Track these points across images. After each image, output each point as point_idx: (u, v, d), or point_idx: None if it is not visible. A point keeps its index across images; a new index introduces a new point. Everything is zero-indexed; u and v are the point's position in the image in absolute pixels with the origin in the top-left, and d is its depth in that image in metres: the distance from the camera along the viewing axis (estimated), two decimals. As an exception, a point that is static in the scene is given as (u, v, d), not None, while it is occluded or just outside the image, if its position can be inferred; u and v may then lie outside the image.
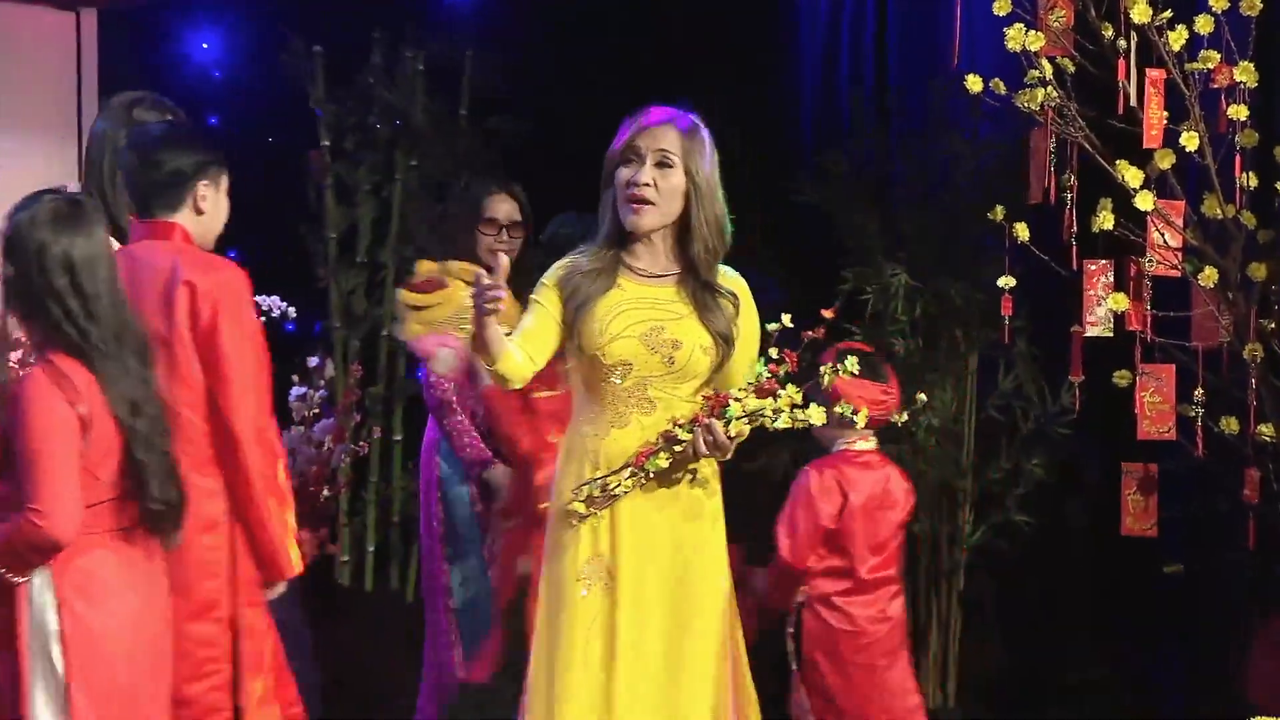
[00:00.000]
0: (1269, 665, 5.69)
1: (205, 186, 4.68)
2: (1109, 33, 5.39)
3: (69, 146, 6.82)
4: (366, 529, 7.40)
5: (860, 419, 4.44)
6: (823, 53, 7.70)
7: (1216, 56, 5.31)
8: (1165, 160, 5.37)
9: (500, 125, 7.32)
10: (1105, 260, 5.53)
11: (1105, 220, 5.37)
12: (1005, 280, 5.58)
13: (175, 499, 4.17)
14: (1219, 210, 5.43)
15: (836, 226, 6.89)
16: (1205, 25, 5.31)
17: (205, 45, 7.51)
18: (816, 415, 4.33)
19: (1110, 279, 5.52)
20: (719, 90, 7.29)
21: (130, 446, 4.08)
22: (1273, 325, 5.47)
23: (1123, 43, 5.36)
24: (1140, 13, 5.27)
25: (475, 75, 7.45)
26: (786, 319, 4.34)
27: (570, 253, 4.53)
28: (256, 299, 4.99)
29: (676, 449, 4.32)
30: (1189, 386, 5.47)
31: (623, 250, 4.45)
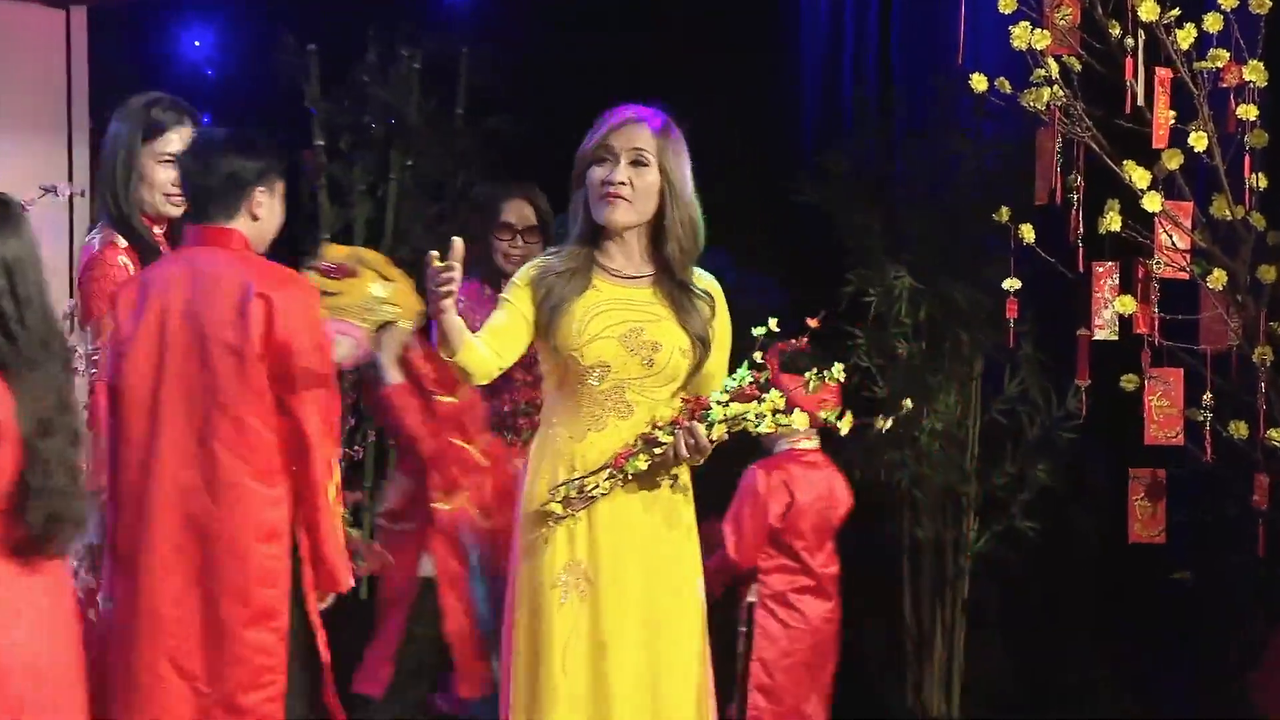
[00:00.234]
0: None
1: (262, 193, 4.69)
2: (1116, 31, 5.35)
3: (59, 144, 6.80)
4: (361, 532, 7.33)
5: (844, 425, 4.39)
6: (824, 50, 7.73)
7: (1225, 55, 5.29)
8: (1173, 161, 5.34)
9: (498, 125, 7.31)
10: (1112, 262, 5.49)
11: (1112, 221, 5.33)
12: (1010, 282, 5.54)
13: (70, 516, 3.97)
14: (1228, 211, 5.41)
15: (837, 227, 6.90)
16: (1214, 23, 5.29)
17: (197, 43, 7.50)
18: (800, 420, 4.30)
19: (1117, 281, 5.48)
20: (719, 89, 7.27)
21: (29, 467, 3.87)
22: (1283, 328, 5.46)
23: (1130, 41, 5.33)
24: (1148, 10, 5.24)
25: (472, 74, 7.44)
26: (773, 323, 4.31)
27: (541, 253, 4.48)
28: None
29: (656, 451, 4.29)
30: (1197, 391, 5.44)
31: (596, 250, 4.41)
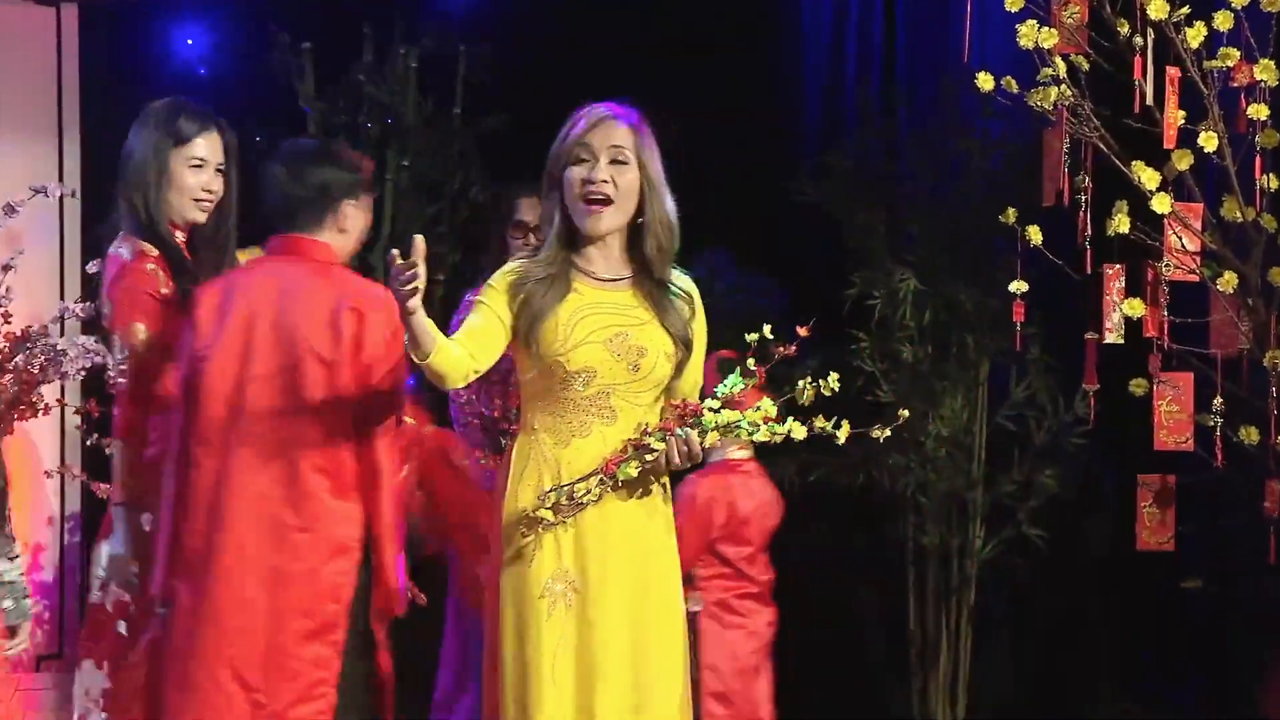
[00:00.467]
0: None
1: (351, 206, 4.77)
2: (1125, 29, 5.35)
3: (49, 144, 6.79)
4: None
5: (841, 434, 4.30)
6: (828, 48, 7.74)
7: (1236, 54, 5.27)
8: (1183, 161, 5.33)
9: (496, 125, 7.31)
10: (1121, 264, 5.48)
11: (1121, 223, 5.33)
12: (1017, 285, 5.53)
13: None
14: (1238, 213, 5.40)
15: (840, 227, 6.93)
16: (1224, 22, 5.27)
17: (190, 41, 7.47)
18: (797, 430, 4.27)
19: (1125, 284, 5.47)
20: (720, 86, 7.24)
21: None
22: (1293, 332, 5.46)
23: (1139, 40, 5.32)
24: (1157, 9, 5.23)
25: (469, 72, 7.43)
26: (767, 329, 4.26)
27: (515, 256, 4.47)
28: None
29: (648, 458, 4.27)
30: (1207, 395, 5.44)
31: (573, 253, 4.37)
